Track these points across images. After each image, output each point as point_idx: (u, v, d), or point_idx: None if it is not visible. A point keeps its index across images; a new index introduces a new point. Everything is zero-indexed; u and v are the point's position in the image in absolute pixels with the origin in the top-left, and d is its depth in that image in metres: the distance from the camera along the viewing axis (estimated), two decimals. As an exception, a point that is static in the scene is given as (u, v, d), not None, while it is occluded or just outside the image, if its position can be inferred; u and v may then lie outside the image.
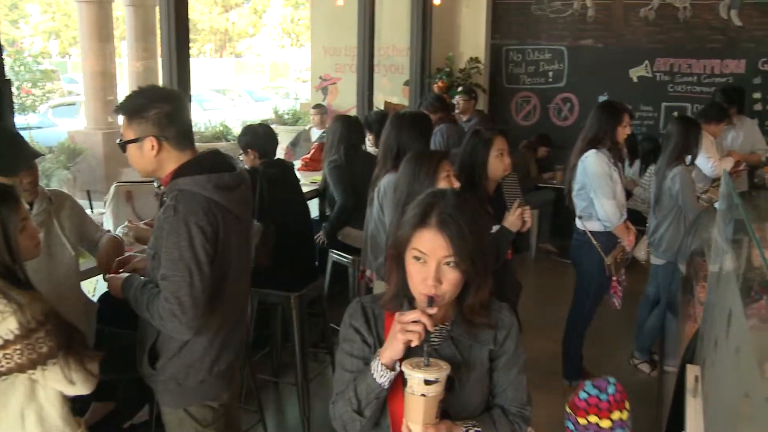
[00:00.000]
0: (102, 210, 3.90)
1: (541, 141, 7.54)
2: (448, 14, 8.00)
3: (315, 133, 7.66)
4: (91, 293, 3.32)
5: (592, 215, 4.21)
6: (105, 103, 11.53)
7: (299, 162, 5.91)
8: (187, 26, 4.22)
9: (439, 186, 2.76)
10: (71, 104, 15.75)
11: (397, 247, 1.77)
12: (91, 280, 3.25)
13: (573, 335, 4.46)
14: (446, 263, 1.69)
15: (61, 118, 14.36)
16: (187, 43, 4.24)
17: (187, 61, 4.23)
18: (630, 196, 6.53)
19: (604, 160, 4.14)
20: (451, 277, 1.70)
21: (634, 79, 7.80)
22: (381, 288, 3.35)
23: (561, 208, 7.47)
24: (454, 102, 7.09)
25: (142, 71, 12.01)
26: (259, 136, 3.98)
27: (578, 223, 4.32)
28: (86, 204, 3.97)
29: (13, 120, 3.27)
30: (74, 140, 11.61)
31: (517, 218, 3.13)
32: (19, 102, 13.31)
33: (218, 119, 13.18)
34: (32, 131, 11.27)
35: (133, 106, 2.33)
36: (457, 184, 2.83)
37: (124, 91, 11.27)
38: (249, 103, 19.82)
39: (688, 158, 4.52)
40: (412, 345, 1.67)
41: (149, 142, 2.30)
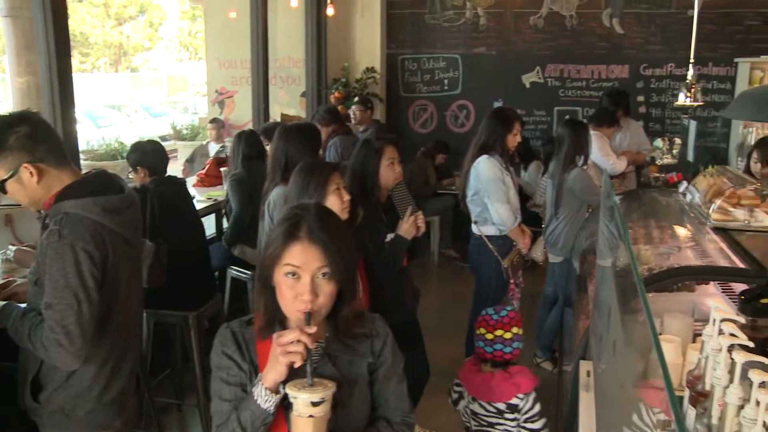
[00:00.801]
0: (-21, 235, 3.70)
1: (439, 148, 7.64)
2: (343, 25, 8.02)
3: (213, 148, 7.52)
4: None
5: (487, 220, 4.28)
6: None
7: (195, 178, 5.78)
8: (67, 37, 4.03)
9: (330, 199, 2.74)
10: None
11: (265, 270, 1.72)
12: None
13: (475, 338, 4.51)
14: (321, 275, 1.67)
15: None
16: (68, 55, 4.05)
17: (70, 75, 4.05)
18: (528, 199, 6.71)
19: (496, 165, 4.22)
20: (327, 290, 1.68)
21: (527, 85, 8.04)
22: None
23: (461, 214, 7.61)
24: (350, 112, 7.10)
25: (26, 87, 11.46)
26: (148, 154, 3.86)
27: (474, 228, 4.39)
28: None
29: None
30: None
31: (410, 225, 3.15)
32: None
33: (113, 136, 12.76)
34: None
35: None
36: (348, 197, 2.82)
37: (9, 110, 10.69)
38: (146, 118, 19.25)
39: (581, 159, 4.67)
40: (295, 366, 1.64)
41: (25, 171, 2.18)
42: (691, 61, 4.84)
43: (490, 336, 2.86)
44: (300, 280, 1.67)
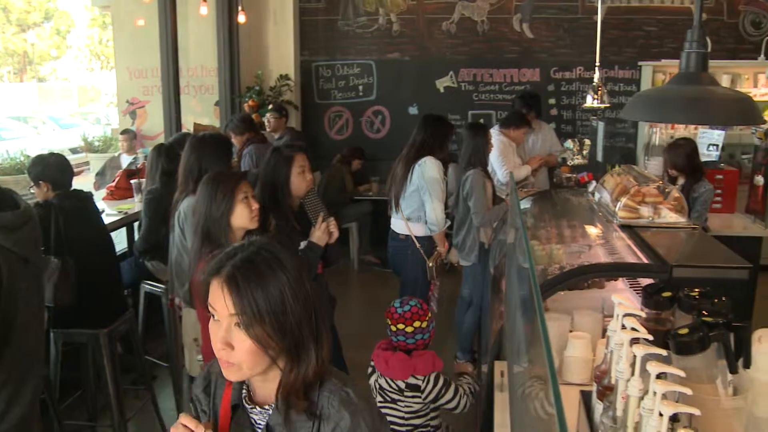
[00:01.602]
0: None
1: (355, 154, 7.64)
2: (256, 32, 7.94)
3: (125, 160, 7.31)
4: None
5: (420, 218, 4.38)
6: None
7: (105, 191, 5.60)
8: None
9: (238, 207, 2.70)
10: None
11: (205, 302, 1.51)
12: None
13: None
14: (236, 324, 1.43)
15: None
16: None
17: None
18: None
19: (440, 167, 4.37)
20: (243, 345, 1.42)
21: (441, 90, 8.13)
22: (191, 316, 3.22)
23: (379, 219, 7.66)
24: (264, 120, 7.03)
25: None
26: (51, 167, 3.70)
27: (399, 228, 4.43)
28: None
29: None
30: None
31: (323, 232, 3.15)
32: None
33: (19, 149, 12.24)
34: None
35: None
36: (257, 205, 2.79)
37: None
38: (55, 130, 18.58)
39: (477, 162, 4.72)
40: None
41: None
42: (597, 64, 4.99)
43: (393, 328, 2.95)
44: (219, 324, 1.45)
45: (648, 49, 7.65)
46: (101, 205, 4.94)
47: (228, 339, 1.42)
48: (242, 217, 2.74)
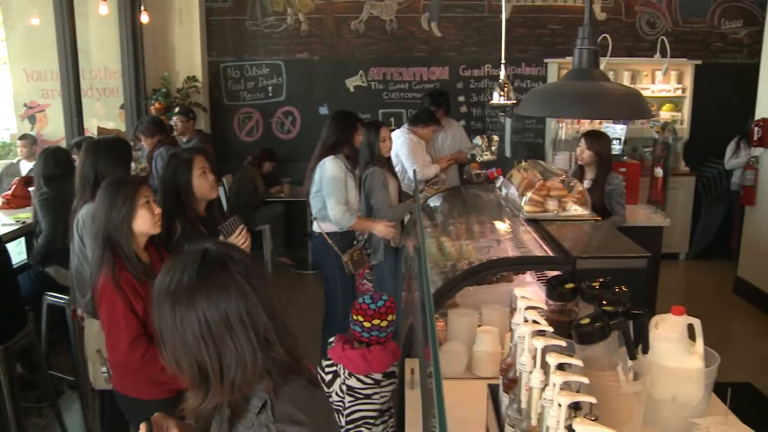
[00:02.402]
0: None
1: (265, 156, 7.54)
2: (161, 33, 7.73)
3: (25, 167, 6.99)
4: None
5: (326, 217, 4.40)
6: None
7: (0, 199, 5.35)
8: None
9: (140, 213, 2.62)
10: None
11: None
12: None
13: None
14: None
15: None
16: None
17: None
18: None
19: (341, 166, 4.35)
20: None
21: (351, 89, 8.13)
22: (93, 327, 3.09)
23: (291, 221, 7.59)
24: (172, 123, 6.86)
25: None
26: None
27: (315, 226, 4.46)
28: None
29: None
30: None
31: (243, 239, 3.04)
32: None
33: None
34: None
35: None
36: (159, 210, 2.70)
37: None
38: (-52, 137, 17.65)
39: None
40: None
41: None
42: (503, 62, 5.07)
43: (367, 324, 2.87)
44: None
45: (553, 47, 7.84)
46: (-5, 215, 4.73)
47: None
48: (144, 222, 2.66)
